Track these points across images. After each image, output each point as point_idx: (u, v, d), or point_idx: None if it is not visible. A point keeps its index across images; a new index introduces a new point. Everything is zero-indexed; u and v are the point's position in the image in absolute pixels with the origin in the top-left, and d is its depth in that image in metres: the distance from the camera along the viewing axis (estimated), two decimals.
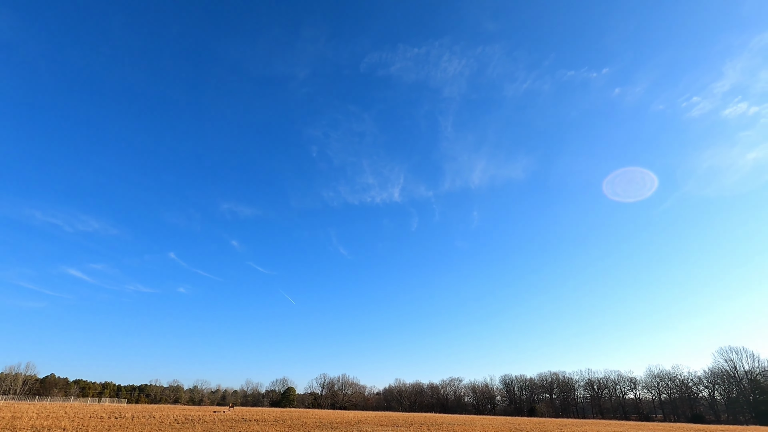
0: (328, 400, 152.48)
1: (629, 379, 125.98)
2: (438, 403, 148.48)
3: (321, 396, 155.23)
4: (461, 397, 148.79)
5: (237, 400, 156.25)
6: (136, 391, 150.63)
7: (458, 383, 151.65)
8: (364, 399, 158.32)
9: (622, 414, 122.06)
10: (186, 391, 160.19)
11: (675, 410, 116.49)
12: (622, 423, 66.49)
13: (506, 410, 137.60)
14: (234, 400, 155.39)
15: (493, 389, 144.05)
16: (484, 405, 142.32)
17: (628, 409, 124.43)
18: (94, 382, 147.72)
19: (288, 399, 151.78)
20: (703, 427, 55.45)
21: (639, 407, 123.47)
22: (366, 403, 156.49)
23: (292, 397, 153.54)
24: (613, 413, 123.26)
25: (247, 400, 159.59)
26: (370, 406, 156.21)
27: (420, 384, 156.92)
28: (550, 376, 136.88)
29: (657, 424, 73.90)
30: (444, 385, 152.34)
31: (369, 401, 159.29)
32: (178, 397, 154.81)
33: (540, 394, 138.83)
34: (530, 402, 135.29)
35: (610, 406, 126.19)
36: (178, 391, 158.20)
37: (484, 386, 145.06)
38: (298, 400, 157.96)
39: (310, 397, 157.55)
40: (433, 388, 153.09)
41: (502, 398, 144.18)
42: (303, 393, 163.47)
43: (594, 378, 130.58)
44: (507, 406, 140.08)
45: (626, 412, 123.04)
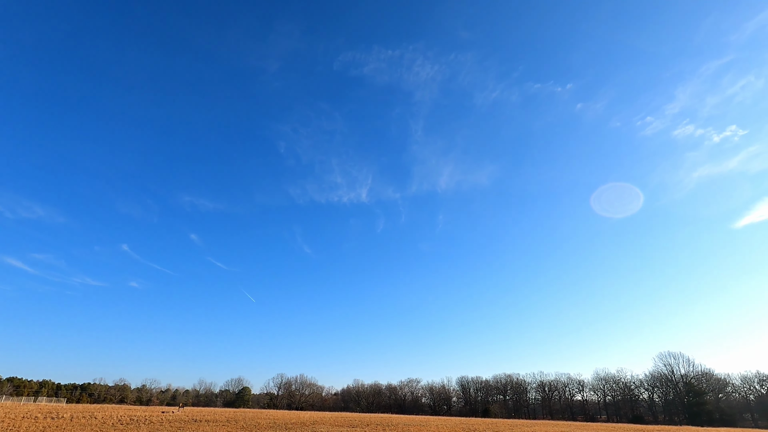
0: (284, 401, 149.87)
1: (578, 382, 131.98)
2: (395, 403, 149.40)
3: (277, 396, 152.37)
4: (418, 398, 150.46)
5: (188, 400, 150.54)
6: (77, 390, 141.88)
7: (416, 384, 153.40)
8: (321, 399, 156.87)
9: (569, 415, 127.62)
10: (133, 391, 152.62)
11: (618, 411, 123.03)
12: (569, 424, 69.47)
13: (461, 411, 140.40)
14: (185, 400, 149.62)
15: (449, 390, 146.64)
16: (440, 406, 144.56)
17: (575, 410, 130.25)
18: (30, 381, 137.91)
19: (243, 399, 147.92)
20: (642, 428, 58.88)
21: (585, 408, 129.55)
22: (323, 404, 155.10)
23: (247, 398, 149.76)
24: (562, 414, 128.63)
25: (199, 400, 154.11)
26: (328, 406, 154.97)
27: (378, 385, 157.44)
28: (505, 378, 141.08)
29: (600, 424, 77.78)
30: (402, 386, 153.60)
31: (326, 402, 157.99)
32: (125, 397, 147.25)
33: (494, 395, 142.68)
34: (485, 403, 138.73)
35: (559, 408, 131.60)
36: (125, 390, 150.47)
37: (441, 387, 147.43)
38: (254, 401, 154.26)
39: (266, 397, 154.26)
40: (392, 389, 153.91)
41: (458, 399, 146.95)
42: (259, 393, 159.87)
43: (546, 380, 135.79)
44: (462, 407, 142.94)
45: (573, 413, 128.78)
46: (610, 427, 59.15)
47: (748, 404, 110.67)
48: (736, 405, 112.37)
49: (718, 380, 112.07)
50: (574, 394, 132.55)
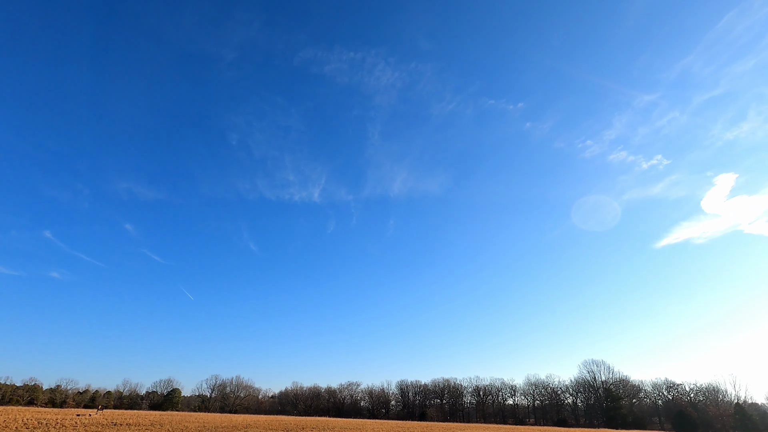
0: (217, 403, 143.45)
1: (510, 387, 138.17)
2: (334, 407, 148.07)
3: (210, 399, 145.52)
4: (358, 402, 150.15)
5: (110, 402, 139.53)
6: None
7: (356, 387, 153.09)
8: (257, 402, 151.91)
9: (501, 418, 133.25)
10: (45, 392, 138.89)
11: (545, 415, 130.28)
12: (498, 427, 72.47)
13: (399, 414, 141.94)
14: (105, 402, 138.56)
15: (389, 394, 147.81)
16: (379, 409, 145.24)
17: (506, 413, 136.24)
18: None
19: (172, 402, 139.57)
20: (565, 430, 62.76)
21: (516, 412, 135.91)
22: (259, 407, 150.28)
23: (176, 400, 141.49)
24: (494, 417, 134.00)
25: (122, 402, 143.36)
26: (263, 409, 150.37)
27: (317, 388, 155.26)
28: (443, 382, 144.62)
29: (528, 427, 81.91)
30: (342, 389, 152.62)
31: (262, 405, 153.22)
32: (35, 398, 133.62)
33: (432, 399, 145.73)
34: (422, 407, 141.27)
35: (492, 411, 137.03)
36: (35, 391, 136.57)
37: (380, 391, 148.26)
38: (184, 403, 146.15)
39: (197, 399, 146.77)
40: (331, 392, 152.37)
41: (396, 403, 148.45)
42: (190, 395, 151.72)
43: (481, 385, 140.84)
44: (401, 410, 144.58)
45: (505, 417, 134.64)
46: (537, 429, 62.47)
47: (657, 409, 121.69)
48: (647, 409, 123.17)
49: (633, 386, 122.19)
50: (507, 399, 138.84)
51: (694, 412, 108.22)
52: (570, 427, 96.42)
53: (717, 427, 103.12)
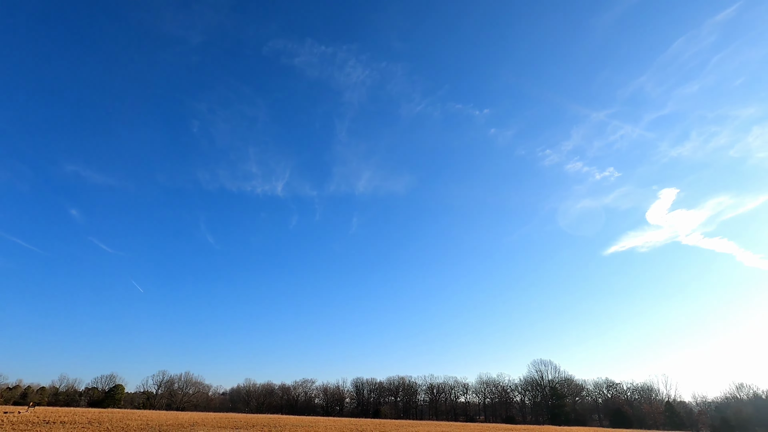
0: (164, 401, 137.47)
1: (463, 385, 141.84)
2: (288, 404, 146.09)
3: (156, 396, 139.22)
4: (312, 399, 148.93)
5: (43, 399, 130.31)
6: None
7: (310, 385, 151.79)
8: (207, 399, 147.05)
9: (453, 416, 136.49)
10: None
11: (494, 412, 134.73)
12: (450, 424, 74.23)
13: (353, 412, 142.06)
14: (39, 398, 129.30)
15: (343, 391, 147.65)
16: (333, 407, 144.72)
17: (458, 411, 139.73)
18: None
19: (114, 399, 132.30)
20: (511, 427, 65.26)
21: (467, 410, 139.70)
22: (209, 404, 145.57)
23: (119, 397, 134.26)
24: (446, 415, 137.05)
25: (58, 399, 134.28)
26: (213, 407, 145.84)
27: (271, 385, 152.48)
28: (398, 380, 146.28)
29: (478, 424, 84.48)
30: (296, 386, 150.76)
31: (212, 402, 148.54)
32: None
33: (387, 396, 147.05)
34: (377, 404, 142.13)
35: (445, 409, 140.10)
36: None
37: (335, 388, 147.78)
38: (127, 400, 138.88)
39: (142, 396, 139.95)
40: (285, 389, 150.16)
41: (351, 400, 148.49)
42: (134, 392, 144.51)
43: (435, 383, 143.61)
44: (355, 408, 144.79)
45: (456, 414, 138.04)
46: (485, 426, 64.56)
47: (597, 406, 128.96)
48: (588, 407, 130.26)
49: (576, 385, 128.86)
50: (459, 396, 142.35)
51: (629, 409, 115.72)
52: (517, 424, 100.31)
53: (649, 423, 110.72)
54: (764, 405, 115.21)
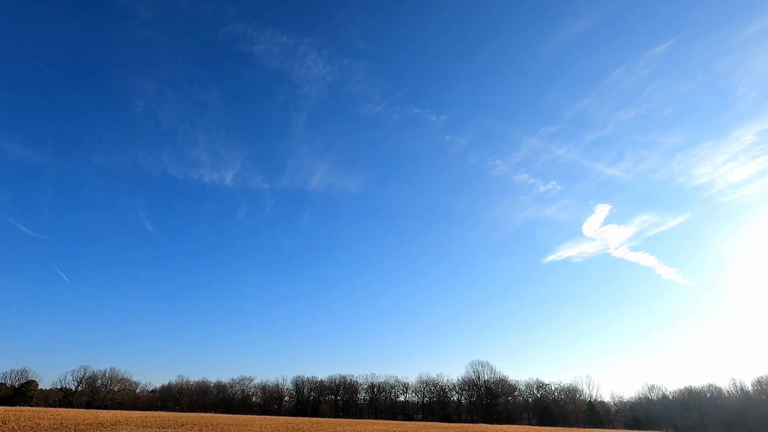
0: (84, 398, 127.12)
1: (403, 384, 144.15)
2: (223, 403, 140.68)
3: (75, 393, 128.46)
4: (249, 397, 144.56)
5: None
6: None
7: (248, 383, 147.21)
8: (134, 397, 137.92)
9: (392, 414, 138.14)
10: None
11: (432, 411, 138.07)
12: (387, 422, 75.02)
13: (292, 411, 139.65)
14: None
15: (283, 390, 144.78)
16: (271, 405, 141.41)
17: (397, 410, 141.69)
18: None
19: (25, 396, 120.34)
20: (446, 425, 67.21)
21: (406, 409, 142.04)
22: (135, 402, 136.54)
23: (31, 393, 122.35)
24: (385, 414, 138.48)
25: None
26: (141, 405, 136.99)
27: (206, 382, 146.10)
28: (339, 378, 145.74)
29: (414, 422, 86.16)
30: (233, 384, 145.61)
31: (140, 400, 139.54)
32: None
33: (327, 395, 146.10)
34: (316, 403, 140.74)
35: (384, 408, 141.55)
36: None
37: (274, 387, 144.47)
38: (42, 398, 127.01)
39: (59, 393, 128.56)
40: (221, 386, 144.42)
41: (290, 399, 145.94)
42: (50, 389, 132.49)
43: (376, 382, 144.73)
44: (294, 406, 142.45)
45: (395, 413, 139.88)
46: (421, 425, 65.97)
47: (527, 405, 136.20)
48: (519, 406, 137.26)
49: (510, 385, 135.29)
50: (399, 395, 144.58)
51: (556, 408, 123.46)
52: (452, 423, 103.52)
53: (572, 421, 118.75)
54: (670, 404, 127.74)
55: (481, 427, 70.14)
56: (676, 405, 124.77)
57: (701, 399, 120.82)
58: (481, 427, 70.63)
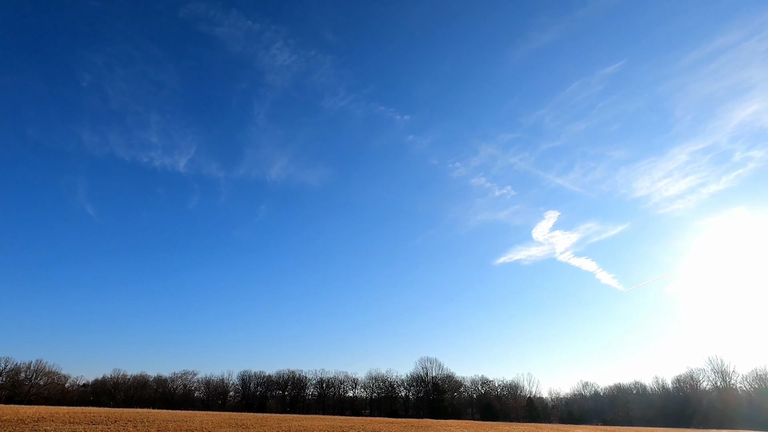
0: (4, 392, 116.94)
1: (353, 380, 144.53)
2: (163, 398, 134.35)
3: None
4: (191, 392, 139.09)
5: None
6: None
7: (191, 377, 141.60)
8: (62, 392, 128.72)
9: (339, 410, 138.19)
10: None
11: (380, 407, 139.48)
12: (334, 417, 74.96)
13: (237, 406, 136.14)
14: None
15: (228, 385, 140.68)
16: (215, 401, 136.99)
17: (345, 405, 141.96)
18: None
19: None
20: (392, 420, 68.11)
21: (355, 404, 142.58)
22: (64, 397, 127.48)
23: None
24: (333, 409, 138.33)
25: None
26: (70, 400, 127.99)
27: (145, 376, 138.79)
28: (288, 373, 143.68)
29: (362, 418, 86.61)
30: (174, 378, 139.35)
31: (69, 395, 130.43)
32: None
33: (275, 390, 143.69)
34: (263, 398, 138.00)
35: (332, 403, 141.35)
36: None
37: (219, 381, 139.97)
38: None
39: None
40: (161, 381, 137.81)
41: (235, 394, 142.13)
42: None
43: (325, 377, 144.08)
44: (239, 401, 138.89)
45: (343, 408, 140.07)
46: (367, 420, 66.39)
47: (471, 401, 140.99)
48: (464, 402, 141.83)
49: (456, 382, 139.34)
50: (348, 391, 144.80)
51: (498, 404, 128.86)
52: (398, 417, 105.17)
53: (512, 416, 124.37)
54: (601, 400, 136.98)
55: (425, 421, 71.65)
56: (606, 401, 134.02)
57: (628, 395, 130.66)
58: (426, 421, 72.17)
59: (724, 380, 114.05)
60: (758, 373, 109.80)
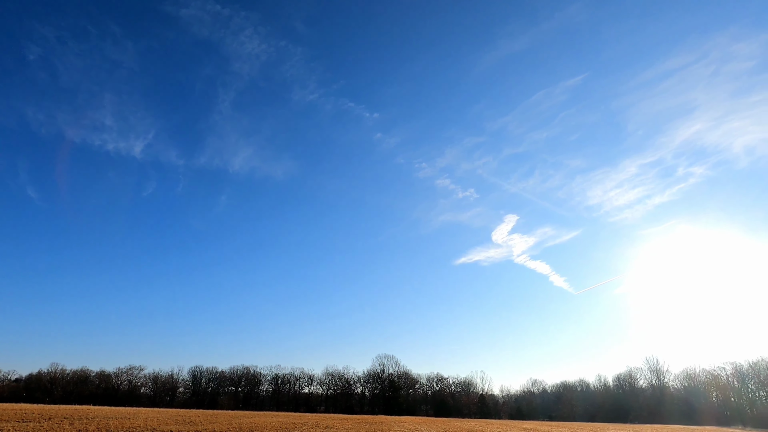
0: None
1: (309, 376, 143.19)
2: (105, 394, 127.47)
3: None
4: (137, 388, 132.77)
5: None
6: None
7: (138, 372, 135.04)
8: None
9: (294, 406, 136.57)
10: None
11: (335, 403, 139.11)
12: (288, 414, 74.08)
13: (187, 402, 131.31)
14: None
15: (177, 380, 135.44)
16: (163, 397, 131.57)
17: (301, 402, 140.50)
18: None
19: None
20: (346, 417, 68.21)
21: (310, 401, 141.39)
22: None
23: None
24: (288, 405, 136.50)
25: None
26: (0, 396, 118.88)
27: (86, 371, 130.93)
28: (242, 369, 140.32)
29: (316, 414, 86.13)
30: (119, 373, 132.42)
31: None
32: None
33: (228, 386, 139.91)
34: (215, 394, 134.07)
35: (287, 399, 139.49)
36: None
37: (168, 377, 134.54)
38: None
39: None
40: (104, 376, 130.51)
41: (185, 390, 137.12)
42: None
43: (281, 373, 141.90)
44: (189, 398, 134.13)
45: (298, 405, 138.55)
46: (321, 417, 66.14)
47: (426, 398, 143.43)
48: (419, 398, 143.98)
49: (412, 379, 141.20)
50: (303, 387, 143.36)
51: (452, 400, 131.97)
52: (354, 414, 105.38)
53: (465, 412, 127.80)
54: (548, 397, 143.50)
55: (379, 418, 72.25)
56: (552, 397, 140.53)
57: (573, 392, 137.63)
58: (380, 418, 72.78)
59: (658, 379, 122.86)
60: (688, 372, 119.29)
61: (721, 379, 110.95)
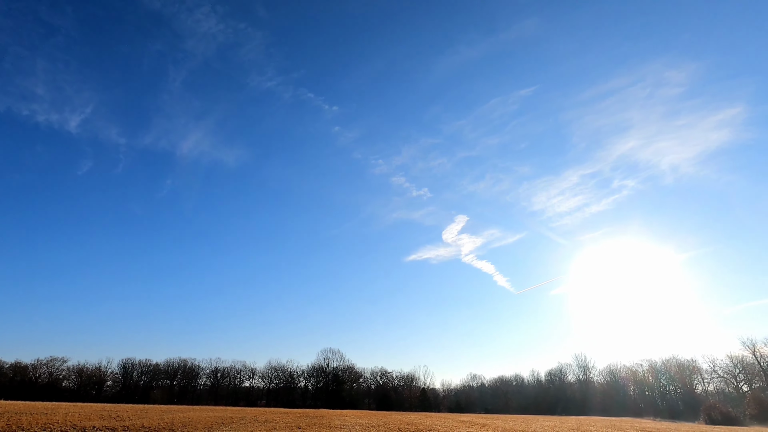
0: None
1: (250, 370, 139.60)
2: (21, 387, 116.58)
3: None
4: (59, 381, 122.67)
5: None
6: None
7: (60, 364, 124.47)
8: None
9: (234, 401, 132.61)
10: None
11: (278, 398, 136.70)
12: (225, 408, 71.75)
13: (116, 396, 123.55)
14: None
15: (106, 373, 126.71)
16: (88, 391, 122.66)
17: (241, 396, 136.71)
18: None
19: None
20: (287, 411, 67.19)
21: (251, 395, 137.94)
22: None
23: None
24: (227, 399, 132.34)
25: None
26: None
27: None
28: (179, 362, 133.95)
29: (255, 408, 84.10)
30: (38, 365, 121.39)
31: None
32: None
33: (162, 380, 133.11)
34: (148, 388, 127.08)
35: (227, 393, 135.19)
36: None
37: (95, 369, 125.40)
38: None
39: None
40: (20, 368, 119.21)
41: (114, 383, 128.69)
42: None
43: (221, 366, 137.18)
44: (118, 391, 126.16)
45: (238, 399, 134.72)
46: (261, 411, 64.61)
47: (370, 392, 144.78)
48: (363, 392, 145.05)
49: (356, 373, 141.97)
50: (244, 381, 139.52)
51: (394, 394, 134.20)
52: (295, 408, 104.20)
53: (406, 405, 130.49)
54: (486, 391, 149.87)
55: (321, 411, 71.94)
56: (489, 391, 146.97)
57: (509, 387, 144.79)
58: (322, 411, 72.48)
59: (585, 374, 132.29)
60: (611, 368, 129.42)
61: (638, 375, 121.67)
